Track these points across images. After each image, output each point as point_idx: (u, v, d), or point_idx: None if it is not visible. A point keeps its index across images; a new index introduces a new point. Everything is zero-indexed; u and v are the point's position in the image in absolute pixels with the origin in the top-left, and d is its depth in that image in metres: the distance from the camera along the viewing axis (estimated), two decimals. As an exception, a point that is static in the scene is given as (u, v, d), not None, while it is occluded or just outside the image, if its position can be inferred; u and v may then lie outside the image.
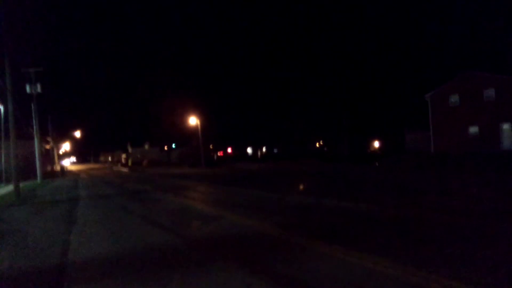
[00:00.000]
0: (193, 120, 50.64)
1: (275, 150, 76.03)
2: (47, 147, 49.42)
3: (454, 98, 33.38)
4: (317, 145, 72.71)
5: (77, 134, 69.29)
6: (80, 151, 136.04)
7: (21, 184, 20.36)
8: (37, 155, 31.65)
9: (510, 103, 29.16)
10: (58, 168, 49.67)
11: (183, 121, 54.18)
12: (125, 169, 61.09)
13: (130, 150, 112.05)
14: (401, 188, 15.24)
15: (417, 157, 31.89)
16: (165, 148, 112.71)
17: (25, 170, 33.64)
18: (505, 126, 29.65)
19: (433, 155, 32.34)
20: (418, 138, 43.52)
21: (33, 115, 31.43)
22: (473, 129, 31.93)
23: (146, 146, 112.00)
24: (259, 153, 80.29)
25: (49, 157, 49.39)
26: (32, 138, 32.12)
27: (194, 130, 53.54)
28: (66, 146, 74.03)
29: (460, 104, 32.98)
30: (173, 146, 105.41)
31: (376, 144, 66.31)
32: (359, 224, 8.37)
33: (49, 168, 44.70)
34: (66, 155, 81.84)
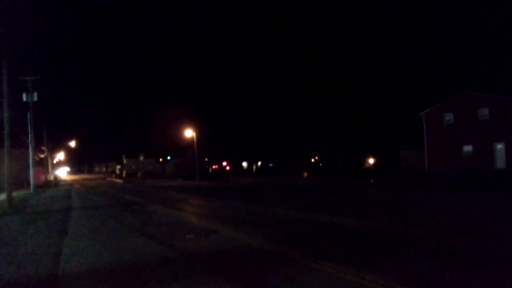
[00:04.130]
0: (189, 133, 50.60)
1: (271, 165, 76.07)
2: (42, 156, 49.08)
3: (449, 117, 33.70)
4: (312, 160, 72.85)
5: (72, 144, 69.03)
6: (75, 161, 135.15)
7: (14, 194, 20.15)
8: (31, 164, 31.41)
9: (503, 123, 29.52)
10: (52, 177, 49.31)
11: (179, 133, 54.17)
12: (119, 180, 60.70)
13: (124, 161, 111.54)
14: (394, 205, 15.27)
15: (411, 175, 32.03)
16: (160, 160, 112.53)
17: (18, 179, 33.40)
18: (499, 146, 29.94)
19: (426, 173, 32.49)
20: (413, 155, 43.79)
21: (29, 124, 31.30)
22: (467, 148, 32.18)
23: (141, 158, 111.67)
24: (254, 167, 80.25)
25: (43, 166, 49.02)
26: (26, 147, 31.90)
27: (189, 142, 53.52)
28: (60, 156, 73.61)
29: (454, 123, 33.30)
30: (168, 158, 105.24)
31: (371, 160, 66.65)
32: (349, 239, 8.38)
33: (42, 177, 44.29)
34: (61, 164, 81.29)
